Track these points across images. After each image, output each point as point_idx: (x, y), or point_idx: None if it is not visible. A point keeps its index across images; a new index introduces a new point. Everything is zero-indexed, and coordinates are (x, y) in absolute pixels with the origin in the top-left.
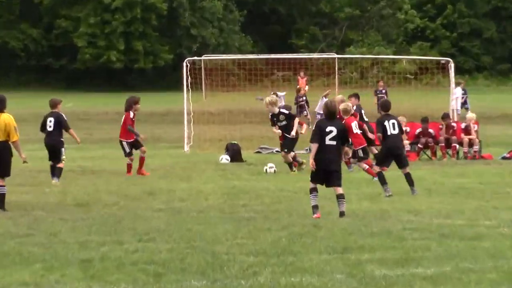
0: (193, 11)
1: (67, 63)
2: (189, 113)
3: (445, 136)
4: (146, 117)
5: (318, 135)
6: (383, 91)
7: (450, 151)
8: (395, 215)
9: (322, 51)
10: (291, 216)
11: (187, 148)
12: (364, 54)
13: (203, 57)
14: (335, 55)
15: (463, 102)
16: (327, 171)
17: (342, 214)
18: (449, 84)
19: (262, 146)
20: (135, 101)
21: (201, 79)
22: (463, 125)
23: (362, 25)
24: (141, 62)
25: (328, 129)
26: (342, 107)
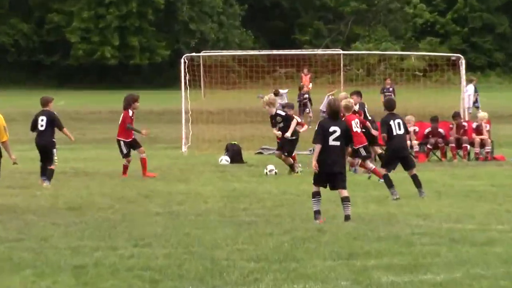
0: (191, 5)
1: (59, 60)
2: (187, 112)
3: (456, 136)
4: (142, 116)
5: (321, 136)
6: (390, 89)
7: (460, 152)
8: (403, 219)
9: (326, 47)
10: (294, 220)
11: (185, 148)
12: (370, 50)
13: (202, 53)
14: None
15: (474, 100)
16: (331, 173)
17: (347, 218)
18: (460, 81)
19: (263, 146)
20: (134, 99)
21: (199, 77)
22: (474, 125)
23: (368, 19)
24: (137, 58)
25: (331, 129)
26: (343, 103)
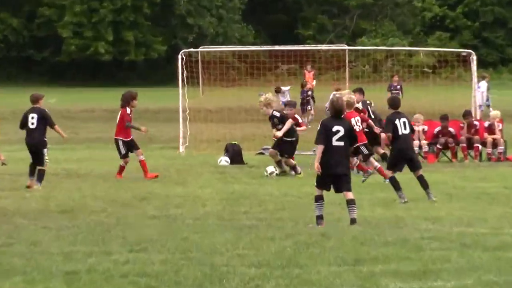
0: None
1: (51, 55)
2: (184, 111)
3: (467, 135)
4: (137, 115)
5: (324, 135)
6: (398, 86)
7: (472, 152)
8: (411, 223)
9: (331, 42)
10: (296, 224)
11: (182, 149)
12: (377, 45)
13: (200, 49)
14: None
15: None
16: (334, 175)
17: (353, 221)
18: (471, 78)
19: (264, 147)
20: (133, 97)
21: (198, 73)
22: (486, 124)
23: (375, 13)
24: (132, 54)
25: (335, 129)
26: (345, 99)
